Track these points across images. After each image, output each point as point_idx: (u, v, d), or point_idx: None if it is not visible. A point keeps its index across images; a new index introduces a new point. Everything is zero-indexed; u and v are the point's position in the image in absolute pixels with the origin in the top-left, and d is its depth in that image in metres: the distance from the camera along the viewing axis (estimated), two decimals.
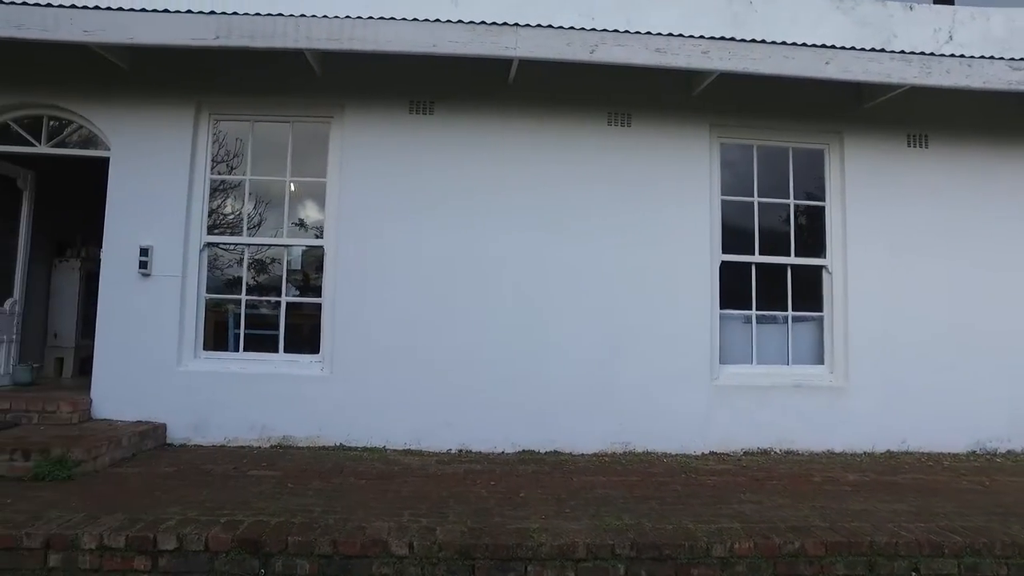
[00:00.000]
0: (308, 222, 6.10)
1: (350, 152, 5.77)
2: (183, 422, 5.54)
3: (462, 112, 5.82)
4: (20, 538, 3.38)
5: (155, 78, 5.75)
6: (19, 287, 6.37)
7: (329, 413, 5.52)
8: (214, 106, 5.89)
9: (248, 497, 4.10)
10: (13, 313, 6.32)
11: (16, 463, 4.48)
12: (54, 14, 5.10)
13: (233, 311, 5.95)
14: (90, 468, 4.59)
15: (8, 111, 5.89)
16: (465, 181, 5.76)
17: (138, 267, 5.61)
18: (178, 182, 5.72)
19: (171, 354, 5.60)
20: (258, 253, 6.26)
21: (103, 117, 5.81)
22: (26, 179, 6.42)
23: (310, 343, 5.79)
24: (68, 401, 5.42)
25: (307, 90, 5.79)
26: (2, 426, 5.12)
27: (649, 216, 5.84)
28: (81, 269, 7.33)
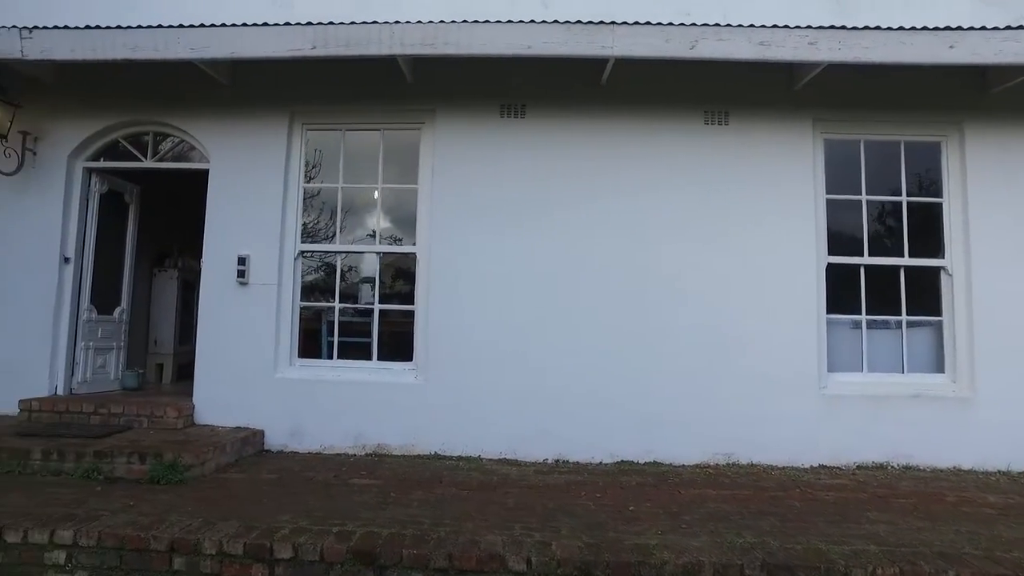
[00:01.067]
0: (399, 229, 6.09)
1: (441, 158, 5.74)
2: (280, 428, 5.61)
3: (553, 115, 5.71)
4: (148, 540, 3.47)
5: (252, 91, 5.88)
6: (126, 296, 6.63)
7: (423, 421, 5.49)
8: (307, 116, 5.97)
9: (353, 507, 4.08)
10: (121, 321, 6.58)
11: (134, 466, 4.62)
12: (164, 34, 5.27)
13: (326, 318, 6.00)
14: (199, 473, 4.69)
15: (118, 129, 6.16)
16: (556, 185, 5.65)
17: (236, 276, 5.74)
18: (273, 192, 5.82)
19: (268, 361, 5.69)
20: (350, 260, 6.28)
21: (203, 131, 5.99)
22: (132, 193, 6.68)
23: (403, 350, 5.77)
24: (174, 407, 5.57)
25: (398, 97, 5.80)
26: (118, 429, 5.31)
27: (748, 218, 5.57)
28: (179, 278, 7.60)
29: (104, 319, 6.36)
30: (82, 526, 3.58)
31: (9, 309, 5.95)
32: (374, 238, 6.02)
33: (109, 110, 6.10)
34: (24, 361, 5.90)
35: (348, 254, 6.12)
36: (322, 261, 6.21)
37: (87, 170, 6.18)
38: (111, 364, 6.43)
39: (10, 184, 6.02)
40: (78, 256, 6.09)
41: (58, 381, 5.96)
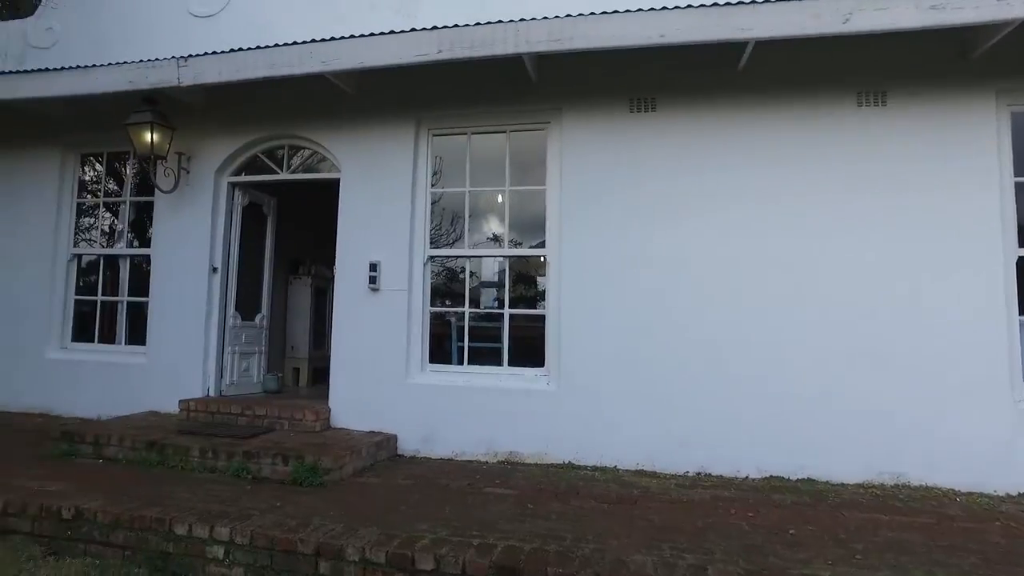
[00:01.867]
0: (523, 232, 5.97)
1: (570, 157, 5.56)
2: (412, 434, 5.64)
3: (687, 106, 5.38)
4: (295, 543, 3.52)
5: (378, 100, 5.98)
6: (266, 303, 6.96)
7: (556, 429, 5.32)
8: (432, 121, 5.99)
9: (491, 517, 3.97)
10: (262, 327, 6.92)
11: (277, 467, 4.77)
12: (298, 50, 5.46)
13: (456, 323, 5.98)
14: (337, 476, 4.77)
15: (257, 145, 6.48)
16: (691, 179, 5.30)
17: (367, 282, 5.83)
18: (401, 198, 5.88)
19: (399, 367, 5.74)
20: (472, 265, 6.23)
21: (333, 141, 6.16)
22: (269, 205, 7.02)
23: (532, 356, 5.63)
24: (312, 410, 5.74)
25: (523, 97, 5.69)
26: (262, 430, 5.54)
27: (916, 206, 4.95)
28: (312, 286, 7.91)
29: (247, 325, 6.70)
30: (236, 524, 3.70)
31: (171, 316, 6.41)
32: (495, 241, 5.93)
33: (249, 127, 6.43)
34: (182, 363, 6.33)
35: (472, 258, 6.05)
36: (443, 266, 6.20)
37: (231, 184, 6.55)
38: (254, 368, 6.77)
39: (168, 201, 6.49)
40: (224, 266, 6.45)
41: (209, 383, 6.33)
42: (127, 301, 6.90)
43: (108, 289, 7.04)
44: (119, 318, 6.91)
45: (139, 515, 3.84)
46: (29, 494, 4.20)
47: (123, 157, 7.08)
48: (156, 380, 6.40)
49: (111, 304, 7.00)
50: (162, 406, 6.28)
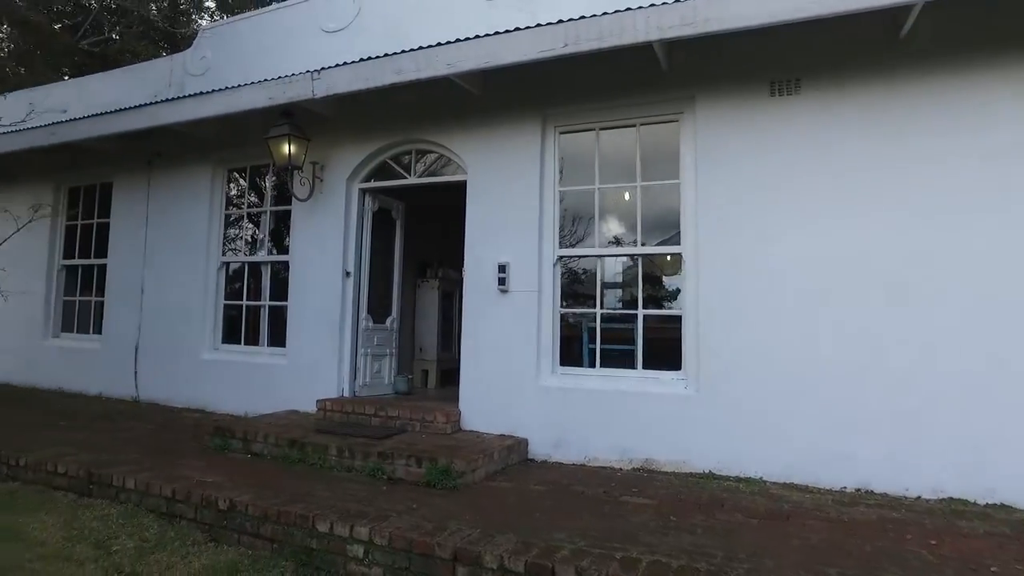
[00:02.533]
0: (656, 229, 5.68)
1: (705, 149, 5.23)
2: (543, 438, 5.51)
3: (836, 85, 4.89)
4: (433, 547, 3.48)
5: (503, 99, 5.93)
6: (396, 306, 7.12)
7: (695, 436, 5.00)
8: (558, 119, 5.86)
9: (631, 529, 3.75)
10: (392, 330, 7.08)
11: (411, 468, 4.80)
12: (424, 55, 5.51)
13: (587, 325, 5.80)
14: (469, 480, 4.72)
15: (385, 151, 6.63)
16: (843, 166, 4.81)
17: (496, 284, 5.78)
18: (529, 198, 5.78)
19: (530, 369, 5.63)
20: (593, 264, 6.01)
21: (459, 143, 6.18)
22: (397, 209, 7.18)
23: (670, 358, 5.34)
24: (443, 412, 5.77)
25: (653, 88, 5.43)
26: (395, 431, 5.62)
27: None
28: (439, 288, 8.01)
29: (379, 327, 6.88)
30: (375, 525, 3.71)
31: (308, 319, 6.70)
32: (637, 239, 5.63)
33: (377, 134, 6.59)
34: (319, 364, 6.59)
35: (603, 258, 5.84)
36: (567, 267, 6.02)
37: (361, 191, 6.75)
38: (385, 369, 6.93)
39: (304, 209, 6.80)
40: (356, 270, 6.65)
41: (344, 383, 6.54)
42: (268, 305, 7.30)
43: (251, 294, 7.49)
44: (262, 321, 7.33)
45: (284, 510, 3.97)
46: (192, 484, 4.47)
47: (263, 170, 7.51)
48: (295, 380, 6.71)
49: (254, 308, 7.43)
50: (300, 405, 6.56)
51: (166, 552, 3.90)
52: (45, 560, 3.75)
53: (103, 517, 4.41)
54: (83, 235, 9.01)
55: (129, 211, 8.25)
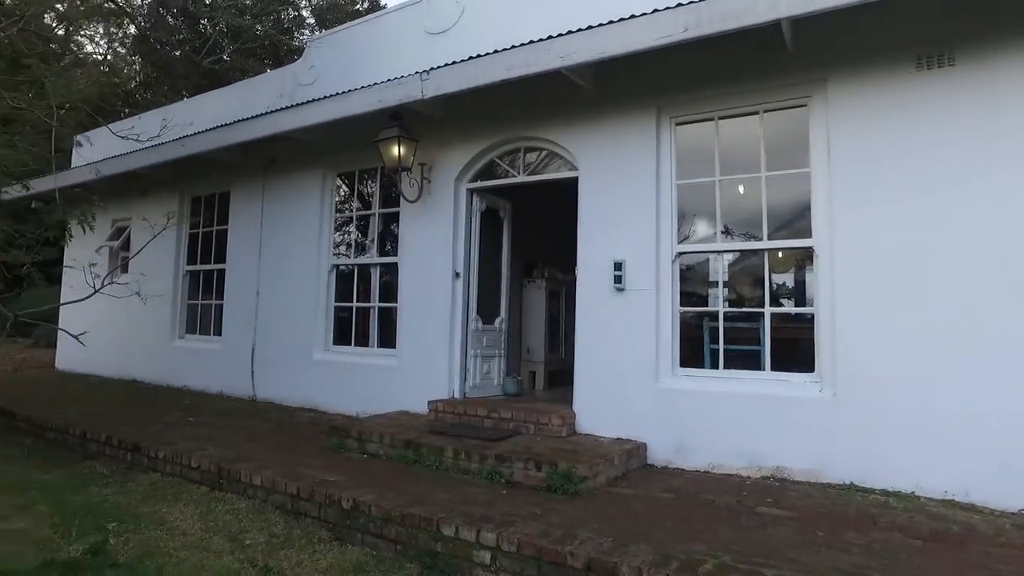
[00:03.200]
0: (787, 222, 5.30)
1: (839, 133, 4.83)
2: (663, 442, 5.25)
3: (1001, 54, 4.37)
4: (564, 556, 3.33)
5: (614, 92, 5.73)
6: (504, 307, 7.04)
7: (833, 444, 4.61)
8: (674, 109, 5.59)
9: (775, 544, 3.46)
10: (501, 331, 7.00)
11: (530, 472, 4.67)
12: (534, 49, 5.39)
13: (708, 324, 5.49)
14: (591, 485, 4.54)
15: (493, 150, 6.57)
16: (1006, 145, 4.29)
17: (612, 282, 5.58)
18: (645, 193, 5.55)
19: (648, 371, 5.39)
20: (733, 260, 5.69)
21: (569, 139, 6.02)
22: (504, 209, 7.11)
23: (800, 359, 4.97)
24: (558, 415, 5.61)
25: (777, 71, 5.08)
26: (509, 434, 5.52)
27: None
28: (546, 288, 7.88)
29: (487, 328, 6.82)
30: (502, 531, 3.60)
31: (418, 320, 6.73)
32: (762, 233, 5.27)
33: (484, 133, 6.54)
34: (429, 365, 6.60)
35: (726, 253, 5.51)
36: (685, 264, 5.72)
37: (469, 191, 6.71)
38: (494, 371, 6.86)
39: (413, 211, 6.85)
40: (465, 271, 6.62)
41: (454, 385, 6.51)
42: (378, 307, 7.40)
43: (361, 296, 7.62)
44: (371, 323, 7.44)
45: (408, 513, 3.93)
46: (314, 483, 4.52)
47: (371, 173, 7.64)
48: (405, 381, 6.75)
49: (364, 310, 7.56)
50: (411, 406, 6.59)
51: (294, 548, 3.95)
52: (188, 549, 3.89)
53: (234, 511, 4.54)
54: (204, 242, 9.51)
55: (245, 218, 8.62)
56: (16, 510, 4.55)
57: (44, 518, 4.40)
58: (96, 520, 4.33)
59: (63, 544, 3.98)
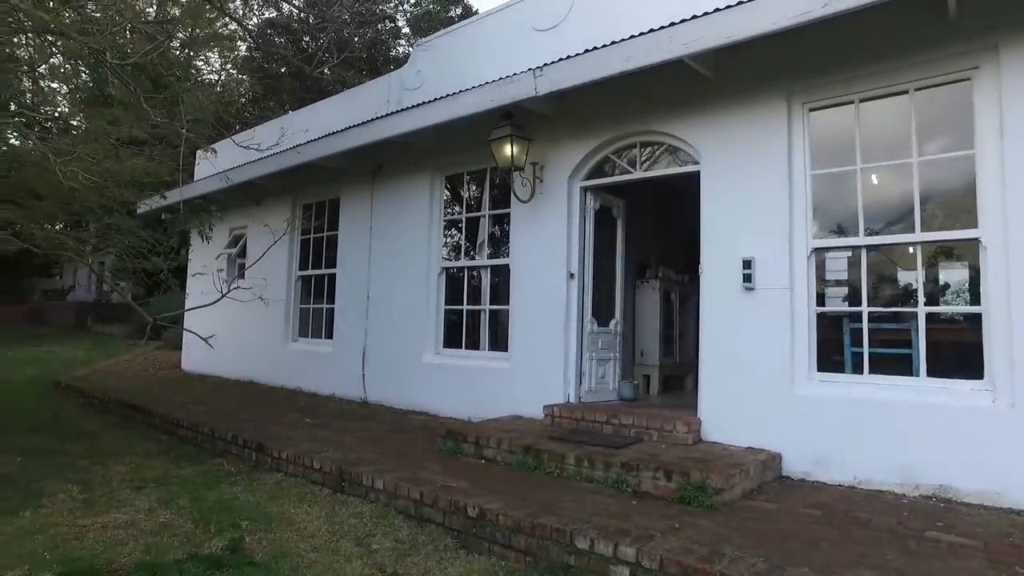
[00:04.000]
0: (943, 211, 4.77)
1: (1015, 107, 4.27)
2: (800, 453, 4.85)
3: None
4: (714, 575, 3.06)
5: (740, 78, 5.38)
6: (618, 309, 6.79)
7: (1012, 462, 4.07)
8: (806, 93, 5.18)
9: None
10: (616, 333, 6.76)
11: (659, 482, 4.41)
12: (655, 38, 5.13)
13: (849, 325, 5.03)
14: (727, 498, 4.23)
15: (607, 146, 6.34)
16: None
17: (741, 281, 5.22)
18: (775, 184, 5.17)
19: (781, 376, 5.00)
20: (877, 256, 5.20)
21: (690, 131, 5.72)
22: (618, 207, 6.86)
23: (963, 364, 4.44)
24: (683, 421, 5.31)
25: (933, 42, 4.58)
26: (630, 440, 5.27)
27: None
28: (660, 289, 7.56)
29: (602, 331, 6.59)
30: (641, 545, 3.38)
31: (531, 322, 6.59)
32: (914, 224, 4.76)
33: (598, 129, 6.32)
34: (543, 369, 6.44)
35: (866, 248, 5.02)
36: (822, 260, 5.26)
37: (582, 189, 6.51)
38: (609, 375, 6.62)
39: (525, 211, 6.72)
40: (579, 271, 6.42)
41: (569, 389, 6.32)
42: (489, 309, 7.32)
43: (471, 298, 7.58)
44: (482, 325, 7.37)
45: (538, 523, 3.76)
46: (437, 488, 4.45)
47: (479, 175, 7.58)
48: (517, 385, 6.62)
49: (474, 312, 7.50)
50: (524, 410, 6.45)
51: (421, 556, 3.87)
52: (317, 551, 3.89)
53: (357, 514, 4.53)
54: (315, 247, 9.80)
55: (354, 223, 8.80)
56: (160, 504, 4.73)
57: (185, 512, 4.55)
58: (231, 517, 4.42)
59: (203, 539, 4.08)
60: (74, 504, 4.71)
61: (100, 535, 4.12)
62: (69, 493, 4.96)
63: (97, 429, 7.57)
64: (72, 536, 4.10)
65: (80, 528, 4.23)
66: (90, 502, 4.77)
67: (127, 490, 5.09)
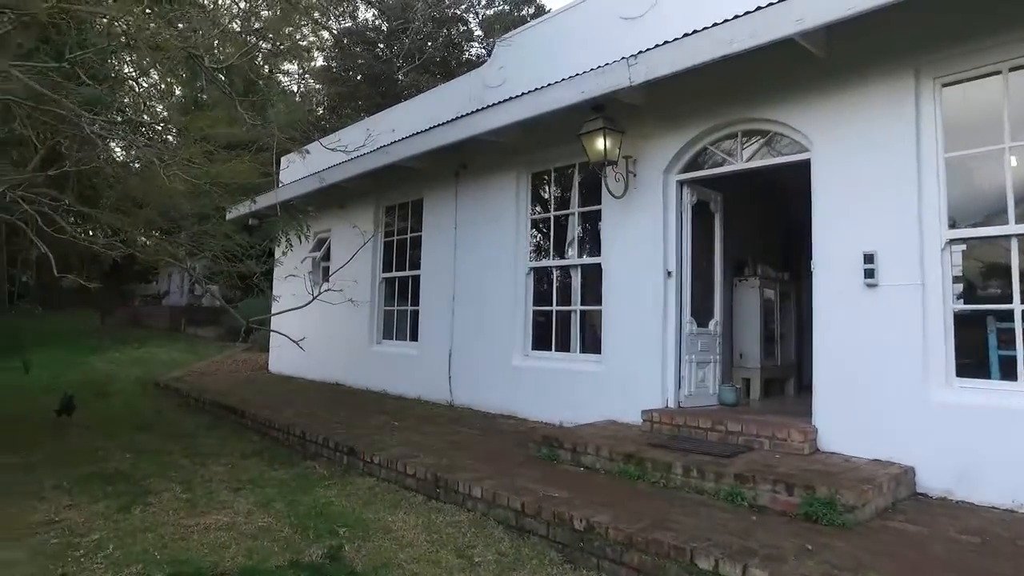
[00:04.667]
0: None
1: None
2: (938, 469, 4.36)
3: None
4: None
5: (855, 55, 4.93)
6: (718, 309, 6.41)
7: None
8: (938, 66, 4.66)
9: None
10: (715, 334, 6.38)
11: (779, 496, 4.05)
12: (763, 16, 4.75)
13: (994, 325, 4.51)
14: (860, 516, 3.83)
15: (705, 137, 5.99)
16: None
17: (861, 277, 4.77)
18: (902, 170, 4.69)
19: (912, 381, 4.52)
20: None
21: (798, 116, 5.30)
22: (716, 201, 6.48)
23: None
24: (797, 429, 4.90)
25: None
26: (740, 449, 4.90)
27: None
28: (759, 287, 7.11)
29: (702, 332, 6.22)
30: (774, 568, 3.06)
31: (626, 323, 6.30)
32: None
33: (694, 119, 5.97)
34: (638, 372, 6.13)
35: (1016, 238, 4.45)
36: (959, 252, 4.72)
37: (679, 183, 6.17)
38: (709, 378, 6.25)
39: (617, 207, 6.43)
40: (677, 269, 6.08)
41: (668, 393, 5.99)
42: (580, 310, 7.06)
43: (560, 299, 7.33)
44: (572, 327, 7.12)
45: (653, 539, 3.49)
46: (539, 499, 4.23)
47: (568, 171, 7.34)
48: (611, 388, 6.34)
49: (564, 313, 7.26)
50: (618, 415, 6.16)
51: (526, 570, 3.68)
52: (417, 562, 3.75)
53: (455, 523, 4.37)
54: (398, 249, 9.81)
55: (439, 224, 8.72)
56: (258, 507, 4.72)
57: (282, 516, 4.51)
58: (328, 523, 4.35)
59: (303, 545, 4.01)
60: (178, 503, 4.78)
61: (203, 536, 4.13)
62: (173, 492, 5.05)
63: (194, 429, 7.78)
64: (178, 536, 4.12)
65: (184, 528, 4.26)
66: (192, 502, 4.82)
67: (225, 491, 5.12)
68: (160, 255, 6.01)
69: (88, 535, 4.11)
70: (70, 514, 4.50)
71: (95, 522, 4.34)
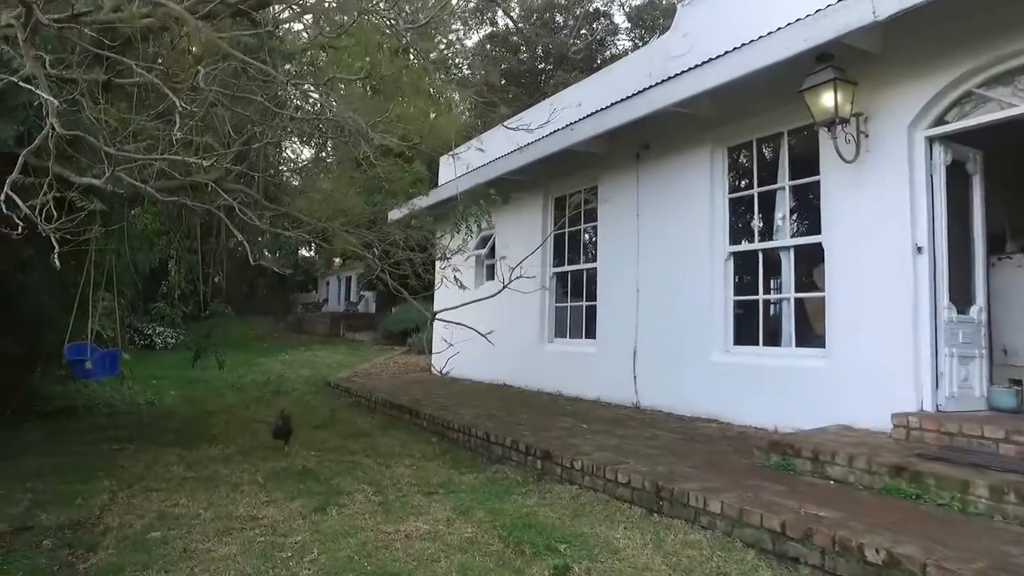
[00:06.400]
0: None
1: None
2: None
3: None
4: None
5: None
6: (980, 291, 5.23)
7: None
8: None
9: None
10: (979, 322, 5.20)
11: None
12: None
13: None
14: None
15: (969, 78, 4.88)
16: None
17: None
18: None
19: None
20: None
21: None
22: (975, 161, 5.31)
23: None
24: None
25: None
26: None
27: None
28: None
29: (963, 320, 5.09)
30: None
31: (862, 310, 5.31)
32: None
33: (954, 57, 4.90)
34: (880, 368, 5.14)
35: None
36: None
37: (928, 139, 5.11)
38: (974, 376, 5.09)
39: (843, 176, 5.47)
40: (929, 244, 5.01)
41: (923, 394, 4.94)
42: (794, 298, 6.11)
43: (767, 286, 6.42)
44: (784, 317, 6.19)
45: None
46: (800, 518, 3.45)
47: (773, 141, 6.42)
48: (840, 388, 5.37)
49: (772, 302, 6.33)
50: (851, 419, 5.20)
51: None
52: None
53: (691, 543, 3.69)
54: (570, 242, 9.27)
55: (617, 211, 8.05)
56: (457, 514, 4.30)
57: (486, 526, 4.06)
58: (542, 537, 3.82)
59: (520, 563, 3.50)
60: (372, 507, 4.48)
61: (407, 546, 3.75)
62: (365, 494, 4.79)
63: (369, 428, 7.68)
64: (380, 544, 3.77)
65: (385, 536, 3.91)
66: (386, 505, 4.51)
67: (418, 495, 4.78)
68: (347, 246, 5.91)
69: (290, 535, 3.89)
70: (269, 511, 4.35)
71: (294, 521, 4.14)
